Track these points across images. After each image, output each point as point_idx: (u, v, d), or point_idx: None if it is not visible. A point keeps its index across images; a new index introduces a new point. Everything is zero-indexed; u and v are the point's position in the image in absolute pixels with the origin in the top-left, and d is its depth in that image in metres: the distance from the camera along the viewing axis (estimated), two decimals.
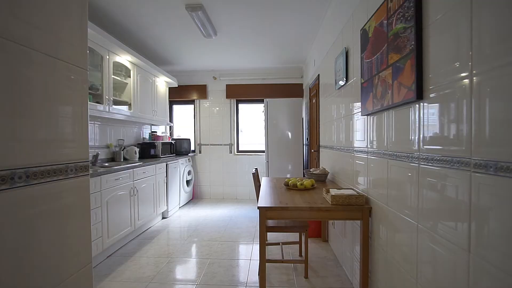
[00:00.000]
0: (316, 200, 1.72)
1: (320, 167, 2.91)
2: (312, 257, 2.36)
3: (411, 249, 1.12)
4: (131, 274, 2.13)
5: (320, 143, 3.11)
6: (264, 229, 1.60)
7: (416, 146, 1.08)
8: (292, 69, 4.71)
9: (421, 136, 1.05)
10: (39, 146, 0.65)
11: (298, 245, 2.44)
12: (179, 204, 4.15)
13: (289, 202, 1.68)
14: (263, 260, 1.65)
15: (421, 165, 1.05)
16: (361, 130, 1.73)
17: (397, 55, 1.19)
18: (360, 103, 1.69)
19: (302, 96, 4.61)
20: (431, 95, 0.99)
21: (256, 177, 2.30)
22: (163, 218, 3.67)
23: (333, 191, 1.69)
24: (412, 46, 1.06)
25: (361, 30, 1.63)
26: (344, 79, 2.02)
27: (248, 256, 2.45)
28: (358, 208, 1.56)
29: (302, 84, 4.70)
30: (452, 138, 0.88)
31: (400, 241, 1.23)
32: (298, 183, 2.10)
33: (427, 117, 1.02)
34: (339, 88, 2.20)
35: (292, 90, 4.70)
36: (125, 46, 2.90)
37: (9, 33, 0.58)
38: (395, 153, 1.26)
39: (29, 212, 0.62)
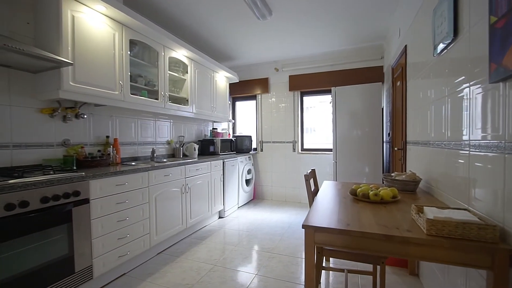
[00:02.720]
0: (400, 223, 1.10)
1: (407, 171, 2.13)
2: None
3: None
4: (171, 277, 1.97)
5: (407, 139, 2.30)
6: (312, 258, 1.10)
7: None
8: (368, 49, 3.85)
9: None
10: None
11: (372, 276, 1.79)
12: (238, 203, 3.95)
13: (353, 222, 1.12)
14: None
15: None
16: (486, 111, 1.01)
17: None
18: (486, 63, 0.98)
19: (381, 81, 3.71)
20: None
21: (311, 180, 1.79)
22: (219, 217, 3.53)
23: (431, 211, 1.04)
24: None
25: None
26: (451, 34, 1.29)
27: (303, 279, 1.95)
28: (484, 248, 0.88)
29: (382, 67, 3.78)
30: None
31: None
32: (370, 193, 1.48)
33: None
34: (440, 52, 1.46)
35: (367, 75, 3.84)
36: (180, 40, 2.84)
37: None
38: None
39: None
